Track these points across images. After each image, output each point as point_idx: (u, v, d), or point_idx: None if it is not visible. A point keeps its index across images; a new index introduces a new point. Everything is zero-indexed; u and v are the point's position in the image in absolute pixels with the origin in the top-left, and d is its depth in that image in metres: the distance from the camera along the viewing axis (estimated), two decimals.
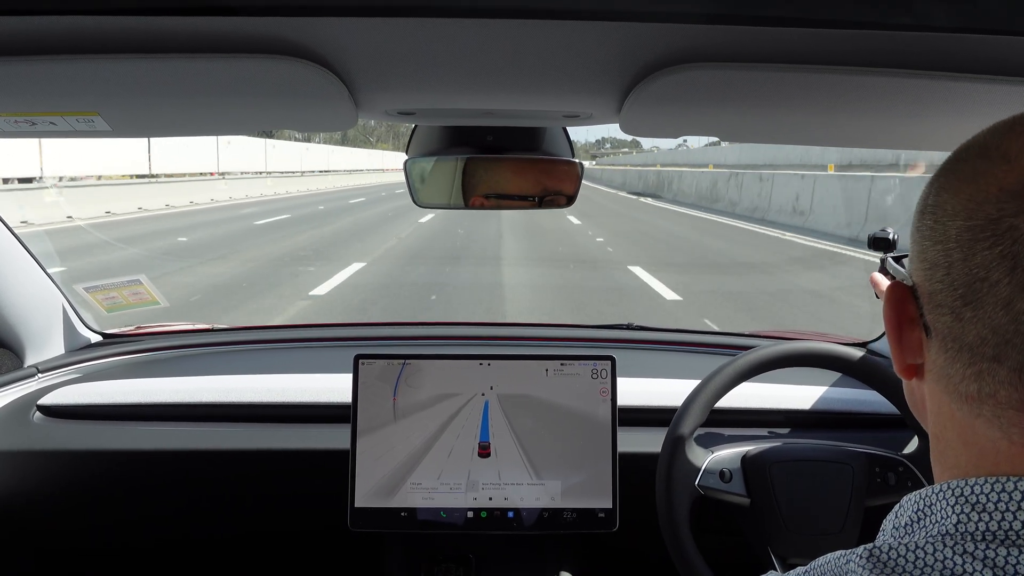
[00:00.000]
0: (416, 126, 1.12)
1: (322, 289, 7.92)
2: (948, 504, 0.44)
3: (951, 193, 0.45)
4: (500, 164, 1.14)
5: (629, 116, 0.82)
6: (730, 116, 0.85)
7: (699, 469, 1.20)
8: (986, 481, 0.43)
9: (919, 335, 0.48)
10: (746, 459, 1.21)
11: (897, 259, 0.57)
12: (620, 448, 1.28)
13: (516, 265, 10.13)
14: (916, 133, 0.93)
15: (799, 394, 1.46)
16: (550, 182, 1.15)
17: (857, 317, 6.77)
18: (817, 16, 0.54)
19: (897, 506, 0.48)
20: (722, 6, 0.54)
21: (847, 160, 21.51)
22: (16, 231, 1.51)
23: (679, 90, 0.71)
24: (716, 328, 4.55)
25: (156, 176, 21.32)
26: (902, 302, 0.49)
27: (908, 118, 0.82)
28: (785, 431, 1.41)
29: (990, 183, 0.43)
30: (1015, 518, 0.41)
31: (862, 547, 0.45)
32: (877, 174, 14.50)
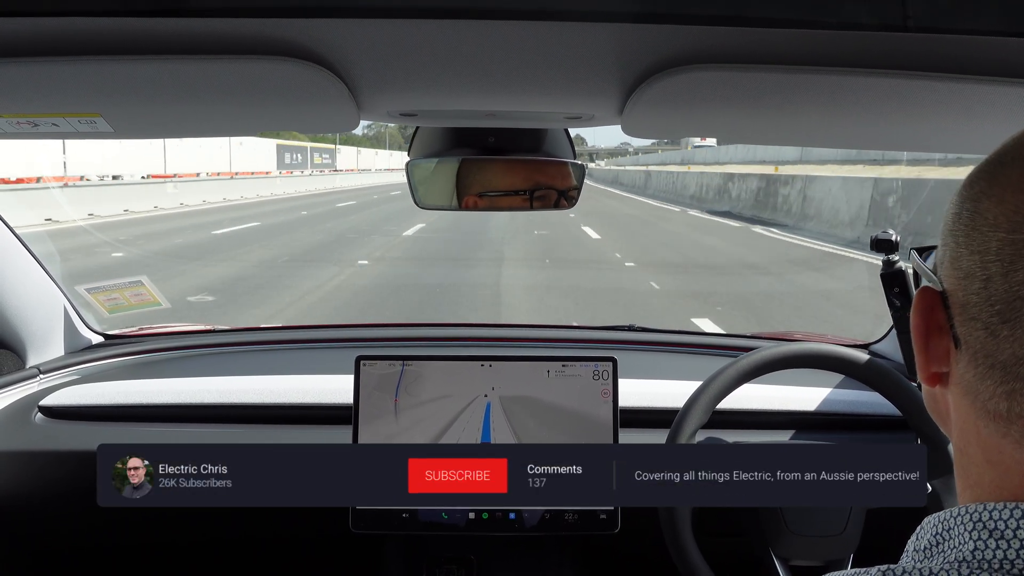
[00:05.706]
0: (417, 127, 1.12)
1: None
2: (966, 530, 0.42)
3: (993, 201, 0.42)
4: (501, 165, 1.14)
5: (631, 117, 0.81)
6: (732, 117, 0.85)
7: None
8: (1005, 507, 0.41)
9: (947, 344, 0.45)
10: None
11: (921, 251, 0.53)
12: None
13: None
14: (917, 134, 0.93)
15: (802, 396, 1.45)
16: (552, 183, 1.15)
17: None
18: (819, 18, 0.54)
19: (919, 528, 0.47)
20: (725, 8, 0.54)
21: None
22: (19, 231, 1.51)
23: (681, 91, 0.71)
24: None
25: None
26: (931, 309, 0.46)
27: (909, 119, 0.82)
28: (788, 433, 1.41)
29: None
30: None
31: (876, 568, 0.44)
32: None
